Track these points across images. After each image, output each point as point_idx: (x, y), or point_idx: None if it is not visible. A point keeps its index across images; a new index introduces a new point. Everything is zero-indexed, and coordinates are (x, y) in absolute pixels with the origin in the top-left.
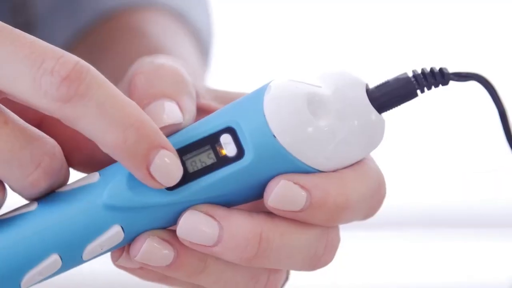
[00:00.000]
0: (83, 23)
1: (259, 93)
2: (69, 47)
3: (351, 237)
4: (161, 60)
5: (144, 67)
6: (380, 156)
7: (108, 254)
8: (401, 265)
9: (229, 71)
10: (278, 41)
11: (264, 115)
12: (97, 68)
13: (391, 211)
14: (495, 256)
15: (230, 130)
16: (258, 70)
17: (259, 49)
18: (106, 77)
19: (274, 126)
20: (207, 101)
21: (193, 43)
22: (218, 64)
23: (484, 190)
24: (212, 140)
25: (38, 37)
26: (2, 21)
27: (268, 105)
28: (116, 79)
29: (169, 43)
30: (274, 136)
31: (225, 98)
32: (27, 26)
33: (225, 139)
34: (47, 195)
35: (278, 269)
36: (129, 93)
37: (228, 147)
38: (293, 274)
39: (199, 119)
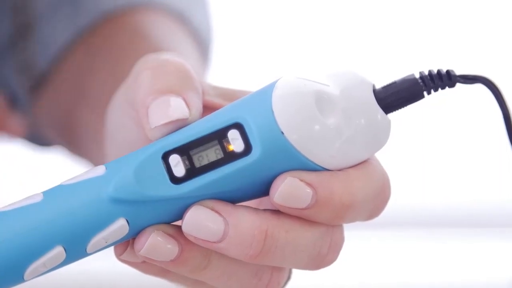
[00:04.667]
0: (83, 23)
1: (268, 90)
2: (69, 48)
3: (352, 237)
4: (166, 56)
5: (150, 63)
6: (383, 157)
7: (111, 251)
8: (401, 265)
9: (234, 70)
10: (284, 41)
11: (273, 112)
12: (99, 70)
13: (392, 211)
14: (495, 256)
15: (238, 126)
16: (263, 69)
17: (264, 48)
18: (108, 79)
19: (282, 122)
20: (212, 98)
21: (193, 44)
22: (223, 63)
23: (484, 190)
24: (219, 136)
25: (38, 38)
26: (3, 21)
27: (277, 102)
28: (118, 81)
29: (170, 44)
30: (282, 132)
31: (230, 95)
32: (27, 26)
33: (233, 134)
34: (53, 187)
35: (281, 267)
36: (135, 89)
37: (235, 142)
38: (295, 273)
39: (205, 116)
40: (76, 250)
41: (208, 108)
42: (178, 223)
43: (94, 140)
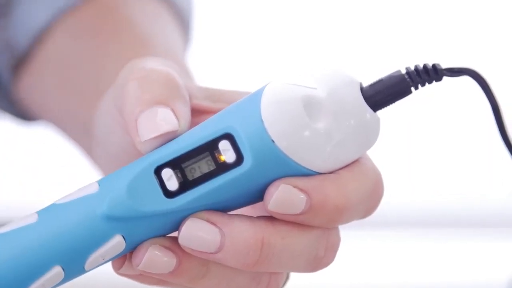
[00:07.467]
0: (63, 3)
1: (256, 98)
2: (49, 28)
3: (350, 237)
4: (152, 64)
5: (136, 73)
6: (376, 155)
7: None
8: (400, 265)
9: (223, 69)
10: (272, 39)
11: (262, 121)
12: (83, 59)
13: (391, 210)
14: (494, 256)
15: (228, 137)
16: (252, 68)
17: (253, 46)
18: (93, 70)
19: (272, 131)
20: (199, 101)
21: (175, 22)
22: (212, 62)
23: (483, 190)
24: (210, 147)
25: (16, 16)
26: None
27: (265, 110)
28: (102, 71)
29: (154, 29)
30: (272, 141)
31: (217, 96)
32: (5, 4)
33: (224, 145)
34: (47, 207)
35: None
36: (123, 99)
37: (227, 153)
38: (293, 274)
39: (193, 120)
40: (74, 269)
41: (196, 111)
42: (174, 233)
43: (80, 127)
